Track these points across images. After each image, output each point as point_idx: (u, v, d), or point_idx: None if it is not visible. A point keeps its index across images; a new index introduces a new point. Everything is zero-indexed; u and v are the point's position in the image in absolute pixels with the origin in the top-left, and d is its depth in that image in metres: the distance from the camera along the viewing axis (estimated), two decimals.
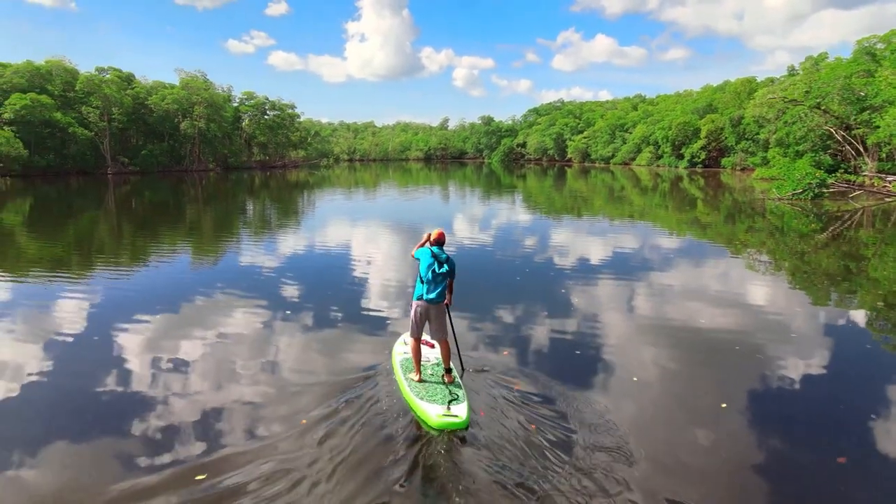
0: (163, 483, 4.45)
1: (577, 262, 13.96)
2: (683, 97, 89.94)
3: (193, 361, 7.14)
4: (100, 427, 5.46)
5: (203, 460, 4.78)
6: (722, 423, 5.56)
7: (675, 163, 72.51)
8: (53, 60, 63.76)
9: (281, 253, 15.56)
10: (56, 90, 61.28)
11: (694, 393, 6.36)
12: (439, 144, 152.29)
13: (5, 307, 9.74)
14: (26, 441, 5.18)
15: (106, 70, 69.65)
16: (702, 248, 16.71)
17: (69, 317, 9.10)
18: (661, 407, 5.98)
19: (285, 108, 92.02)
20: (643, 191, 40.61)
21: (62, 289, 11.12)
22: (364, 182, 56.41)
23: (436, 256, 6.15)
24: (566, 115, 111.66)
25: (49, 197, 36.20)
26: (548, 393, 6.09)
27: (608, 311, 9.50)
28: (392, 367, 6.64)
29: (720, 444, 5.18)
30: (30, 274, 12.83)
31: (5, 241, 18.22)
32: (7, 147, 51.76)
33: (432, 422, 5.31)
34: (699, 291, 10.95)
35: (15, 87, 57.21)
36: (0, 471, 4.68)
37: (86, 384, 6.45)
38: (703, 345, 7.91)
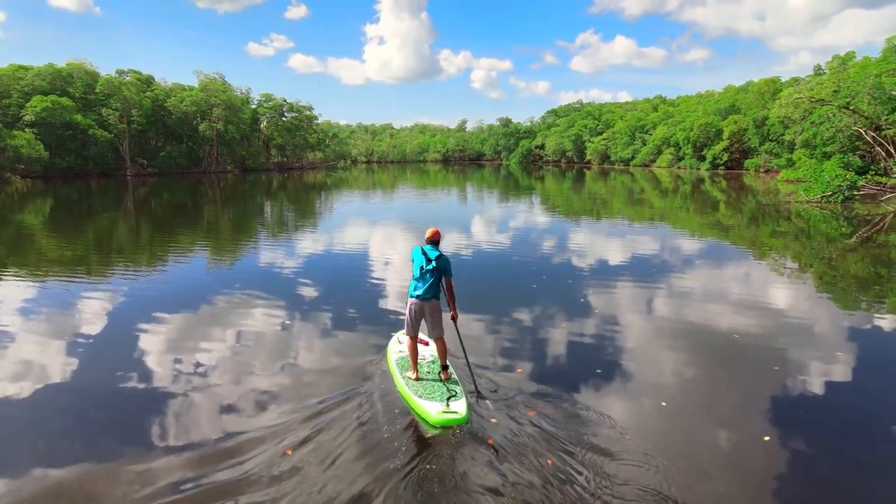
0: (172, 471, 4.63)
1: (596, 266, 13.63)
2: (705, 98, 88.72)
3: (205, 358, 7.30)
4: (119, 419, 5.68)
5: (209, 451, 4.94)
6: (762, 454, 5.11)
7: (697, 164, 71.45)
8: (74, 63, 64.82)
9: (297, 254, 15.50)
10: (77, 92, 62.26)
11: (731, 421, 5.63)
12: (457, 146, 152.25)
13: (28, 307, 9.85)
14: (51, 433, 5.37)
15: (126, 72, 70.61)
16: (725, 251, 16.22)
17: (90, 316, 9.23)
18: (695, 442, 5.26)
19: (303, 110, 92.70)
20: (664, 193, 39.95)
21: (83, 289, 11.21)
22: (381, 183, 56.41)
23: (426, 255, 6.23)
24: (585, 116, 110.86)
25: (69, 198, 36.69)
26: (565, 416, 5.53)
27: (630, 322, 9.10)
28: (388, 367, 6.63)
29: (756, 473, 4.86)
30: (51, 274, 12.87)
31: (27, 242, 18.40)
32: (28, 149, 52.61)
33: (432, 419, 5.34)
34: (724, 297, 10.55)
35: (36, 89, 58.20)
36: (26, 464, 4.81)
37: (106, 380, 6.61)
38: (734, 357, 7.52)
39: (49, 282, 12.02)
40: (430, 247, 6.33)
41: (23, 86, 58.46)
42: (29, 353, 7.52)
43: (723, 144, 66.65)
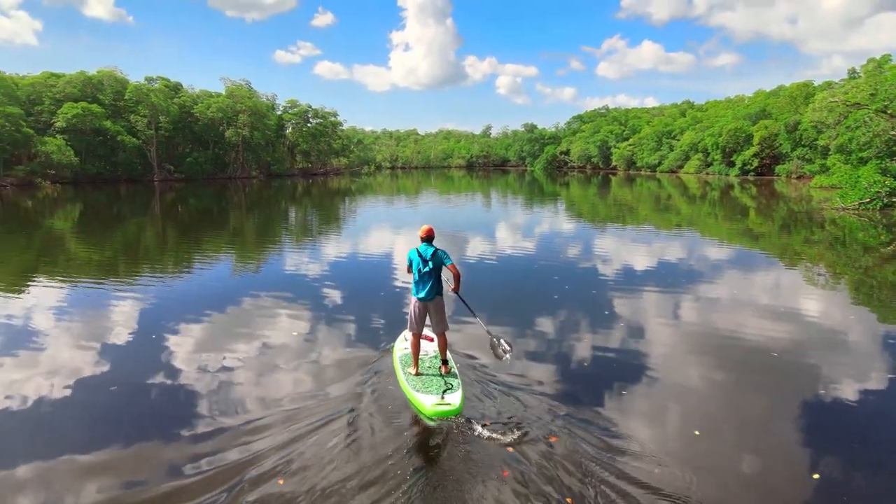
0: (197, 451, 5.04)
1: (621, 275, 13.30)
2: (734, 103, 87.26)
3: (228, 354, 7.64)
4: (149, 417, 5.91)
5: (231, 432, 5.38)
6: (815, 497, 4.75)
7: (726, 171, 70.10)
8: (105, 71, 66.41)
9: (321, 258, 15.62)
10: (107, 99, 63.75)
11: (775, 455, 5.08)
12: (481, 152, 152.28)
13: (61, 309, 10.05)
14: (84, 428, 5.65)
15: (154, 79, 72.09)
16: (755, 260, 15.72)
17: (118, 317, 9.45)
18: (732, 477, 4.76)
19: (328, 116, 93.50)
20: (691, 199, 39.22)
21: (113, 292, 11.44)
22: (406, 189, 56.52)
23: (421, 255, 6.38)
24: (611, 121, 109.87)
25: (98, 203, 37.44)
26: (589, 444, 5.11)
27: (659, 338, 8.74)
28: (393, 363, 6.92)
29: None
30: (82, 278, 13.08)
31: (57, 246, 18.73)
32: (59, 155, 53.98)
33: (427, 411, 5.63)
34: (757, 310, 10.15)
35: (68, 96, 59.71)
36: (60, 458, 5.00)
37: (135, 381, 6.77)
38: (772, 378, 7.13)
39: (79, 285, 12.20)
40: (425, 245, 6.46)
41: (55, 93, 60.04)
42: (61, 352, 7.72)
43: (753, 150, 65.29)
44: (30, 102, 58.82)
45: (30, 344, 8.10)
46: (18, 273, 14.02)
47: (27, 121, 54.65)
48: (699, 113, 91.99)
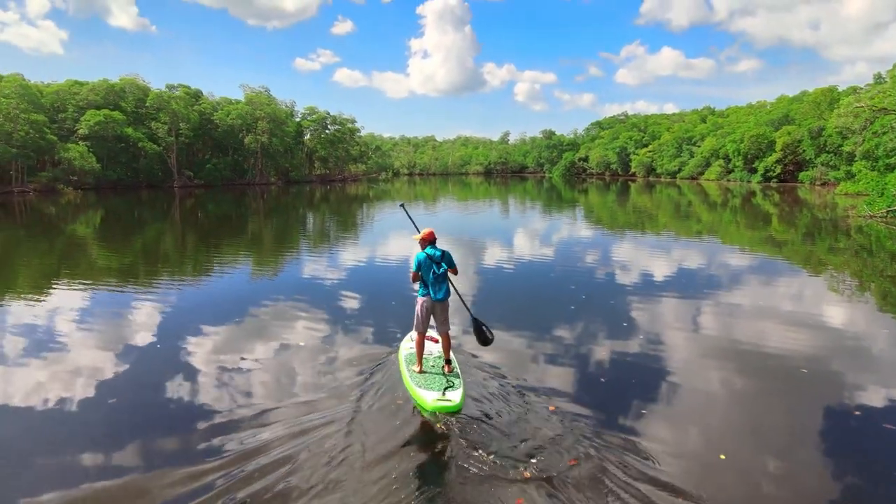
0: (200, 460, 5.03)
1: (640, 284, 13.06)
2: (756, 109, 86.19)
3: (246, 358, 7.77)
4: (167, 411, 6.18)
5: (245, 423, 5.69)
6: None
7: (748, 177, 69.20)
8: (127, 78, 67.61)
9: (338, 264, 15.69)
10: (129, 107, 64.82)
11: (811, 487, 4.78)
12: (499, 159, 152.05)
13: (80, 315, 10.10)
14: (103, 426, 5.84)
15: (175, 87, 73.30)
16: (779, 268, 15.38)
17: (137, 323, 9.55)
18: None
19: (346, 123, 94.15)
20: (712, 206, 38.67)
21: (133, 296, 11.60)
22: (423, 196, 56.56)
23: (432, 258, 6.55)
24: (630, 128, 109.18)
25: (119, 209, 37.99)
26: (607, 468, 4.83)
27: (682, 353, 8.52)
28: (398, 362, 7.09)
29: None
30: (102, 282, 13.23)
31: (79, 250, 19.04)
32: (81, 161, 54.93)
33: (427, 406, 5.80)
34: (782, 322, 9.89)
35: (91, 103, 60.79)
36: (79, 460, 5.13)
37: (153, 384, 6.88)
38: (803, 396, 6.90)
39: (100, 289, 12.34)
40: (430, 248, 6.67)
41: (78, 100, 61.20)
42: (81, 354, 7.90)
43: (775, 156, 64.40)
44: (54, 110, 60.05)
45: (52, 345, 8.23)
46: (41, 277, 14.20)
47: (51, 128, 55.78)
48: (720, 119, 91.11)
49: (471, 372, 6.94)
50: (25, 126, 52.00)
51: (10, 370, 7.30)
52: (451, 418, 5.67)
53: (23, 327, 9.27)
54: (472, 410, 5.91)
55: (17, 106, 51.89)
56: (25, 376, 7.07)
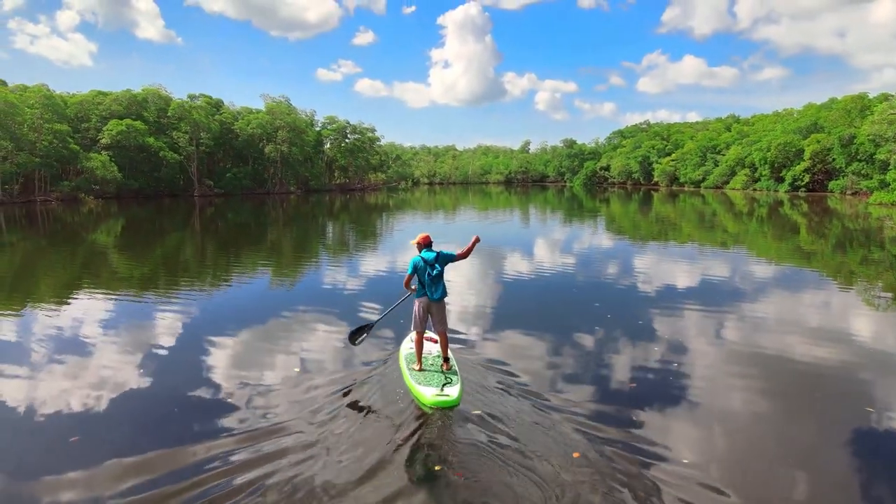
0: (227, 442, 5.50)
1: (663, 295, 12.74)
2: (783, 116, 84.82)
3: (261, 359, 8.20)
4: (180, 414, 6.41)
5: (258, 427, 5.81)
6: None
7: (774, 186, 67.97)
8: (150, 88, 68.85)
9: (355, 272, 15.84)
10: (151, 116, 65.99)
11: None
12: (520, 168, 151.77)
13: (101, 321, 10.30)
14: (127, 425, 6.07)
15: (197, 97, 74.47)
16: (808, 280, 14.91)
17: (157, 330, 9.74)
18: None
19: (365, 132, 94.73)
20: (738, 216, 37.91)
21: (153, 305, 11.75)
22: (443, 205, 56.50)
23: (426, 261, 6.91)
24: (652, 136, 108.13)
25: (139, 218, 38.52)
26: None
27: (704, 366, 8.23)
28: (399, 361, 7.37)
29: None
30: (122, 291, 13.33)
31: (99, 259, 19.28)
32: (102, 170, 55.92)
33: (426, 401, 6.15)
34: (815, 332, 9.53)
35: (113, 113, 61.97)
36: (105, 451, 5.38)
37: (173, 389, 7.09)
38: (839, 409, 6.60)
39: (121, 298, 12.45)
40: (426, 251, 7.01)
41: (101, 110, 62.44)
42: (102, 360, 8.08)
43: (804, 165, 63.17)
44: (78, 119, 61.38)
45: (75, 352, 8.41)
46: (64, 285, 14.37)
47: (74, 137, 56.98)
48: (745, 127, 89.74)
49: (477, 371, 7.27)
50: (49, 136, 53.23)
51: (35, 374, 7.50)
52: (450, 412, 6.02)
53: (47, 333, 9.45)
54: (470, 406, 6.16)
55: (40, 116, 53.16)
56: (50, 380, 7.26)
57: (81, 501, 4.56)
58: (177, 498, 4.49)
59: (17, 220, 35.76)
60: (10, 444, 5.65)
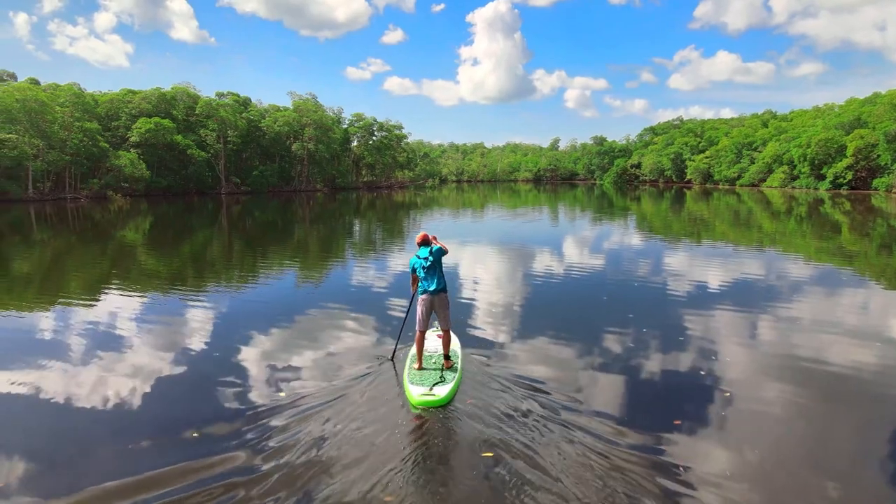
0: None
1: (696, 296, 12.35)
2: (823, 111, 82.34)
3: (275, 351, 8.43)
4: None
5: (262, 413, 6.10)
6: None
7: (815, 184, 66.07)
8: (179, 87, 70.06)
9: (381, 270, 15.86)
10: (179, 115, 67.17)
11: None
12: (549, 165, 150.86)
13: (130, 316, 10.58)
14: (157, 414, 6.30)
15: (225, 94, 75.50)
16: (852, 282, 14.20)
17: (185, 326, 9.95)
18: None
19: (392, 129, 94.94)
20: (775, 215, 36.77)
21: (183, 301, 11.99)
22: (471, 203, 56.34)
23: (421, 257, 7.08)
24: (686, 133, 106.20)
25: (165, 215, 39.13)
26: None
27: (743, 373, 7.88)
28: (406, 360, 7.36)
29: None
30: (151, 287, 13.58)
31: (128, 256, 19.56)
32: (131, 168, 56.96)
33: (413, 401, 6.12)
34: (860, 342, 9.02)
35: (143, 112, 63.24)
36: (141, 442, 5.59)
37: (196, 380, 7.38)
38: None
39: (150, 293, 12.76)
40: (422, 249, 7.17)
41: (131, 109, 63.72)
42: (132, 354, 8.34)
43: (846, 162, 61.20)
44: (108, 118, 62.69)
45: (107, 346, 8.65)
46: (95, 281, 14.64)
47: (104, 135, 58.17)
48: (783, 123, 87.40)
49: (484, 372, 7.17)
50: (79, 134, 54.45)
51: (68, 368, 7.70)
52: (440, 412, 5.92)
53: (80, 328, 9.69)
54: (461, 406, 6.10)
55: (71, 114, 54.39)
56: (83, 373, 7.48)
57: (123, 484, 4.73)
58: (194, 476, 4.78)
59: (48, 217, 36.60)
60: (48, 432, 5.85)
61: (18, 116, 50.22)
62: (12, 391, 6.85)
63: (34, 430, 5.91)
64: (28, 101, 50.51)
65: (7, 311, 11.18)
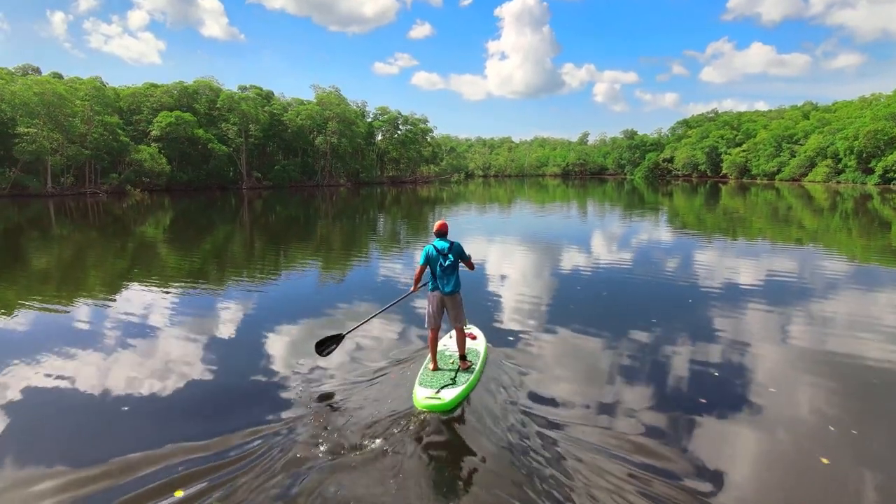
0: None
1: (732, 296, 11.87)
2: (870, 102, 79.71)
3: (292, 347, 8.29)
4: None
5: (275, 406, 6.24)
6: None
7: (862, 178, 64.06)
8: (202, 80, 70.71)
9: (407, 267, 15.48)
10: (202, 108, 67.82)
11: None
12: (577, 160, 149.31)
13: (153, 312, 10.62)
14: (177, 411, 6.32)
15: (248, 88, 76.00)
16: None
17: (206, 322, 10.01)
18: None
19: (418, 123, 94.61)
20: (817, 211, 35.56)
21: (203, 297, 12.11)
22: (498, 198, 55.87)
23: (438, 251, 6.57)
24: (721, 126, 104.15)
25: (185, 210, 39.46)
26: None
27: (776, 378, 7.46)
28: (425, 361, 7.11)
29: None
30: (169, 283, 13.43)
31: (146, 252, 19.68)
32: (151, 162, 57.54)
33: (417, 403, 5.84)
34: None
35: (164, 105, 63.91)
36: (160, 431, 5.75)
37: (223, 378, 7.35)
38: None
39: (168, 290, 12.60)
40: (439, 240, 6.66)
41: (152, 102, 64.47)
42: (153, 349, 8.42)
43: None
44: (130, 112, 63.54)
45: (128, 342, 8.69)
46: (115, 277, 14.86)
47: (126, 129, 58.94)
48: (826, 114, 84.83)
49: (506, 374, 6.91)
50: (99, 128, 55.09)
51: (90, 361, 7.84)
52: (441, 417, 5.66)
53: (98, 325, 9.74)
54: (470, 413, 5.87)
55: (91, 108, 55.05)
56: (107, 368, 7.58)
57: (141, 478, 4.80)
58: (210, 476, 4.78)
59: (67, 212, 37.13)
60: (75, 428, 5.91)
61: (37, 110, 50.74)
62: (41, 384, 6.98)
63: (55, 422, 6.01)
64: (46, 94, 50.97)
65: (26, 306, 11.15)
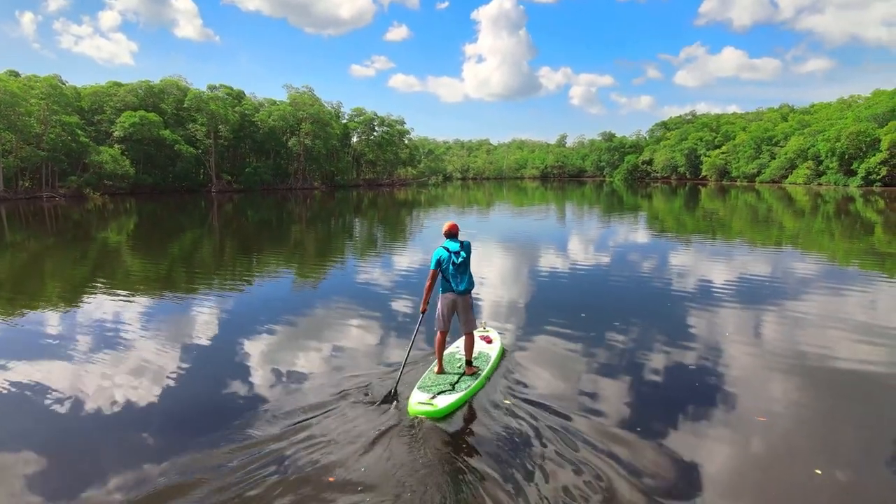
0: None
1: (717, 296, 11.31)
2: (849, 103, 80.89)
3: (284, 351, 8.46)
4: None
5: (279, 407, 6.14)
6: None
7: (844, 180, 64.60)
8: (169, 79, 69.04)
9: (386, 272, 15.24)
10: (169, 108, 66.14)
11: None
12: (556, 162, 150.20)
13: (113, 323, 10.04)
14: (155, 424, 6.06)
15: (217, 87, 74.20)
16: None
17: (173, 329, 9.70)
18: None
19: (394, 125, 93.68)
20: (798, 213, 35.50)
21: (171, 305, 11.75)
22: (477, 201, 55.31)
23: (451, 251, 6.49)
24: (700, 128, 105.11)
25: (153, 215, 38.26)
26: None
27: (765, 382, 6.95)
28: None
29: None
30: (134, 292, 12.84)
31: (112, 259, 18.76)
32: (112, 165, 55.59)
33: (409, 408, 5.77)
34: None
35: (128, 105, 62.08)
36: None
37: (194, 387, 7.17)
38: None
39: (137, 299, 12.01)
40: (450, 241, 6.58)
41: (115, 102, 62.60)
42: (125, 357, 8.16)
43: (880, 156, 59.59)
44: (92, 112, 61.72)
45: (91, 353, 8.32)
46: (75, 285, 14.18)
47: (87, 130, 57.15)
48: (806, 116, 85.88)
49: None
50: (56, 128, 53.19)
51: (43, 375, 7.45)
52: (436, 423, 5.56)
53: (56, 335, 9.36)
54: (464, 418, 5.80)
55: (47, 107, 53.02)
56: (64, 380, 7.25)
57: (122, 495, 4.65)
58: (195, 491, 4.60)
59: (21, 217, 35.72)
60: (51, 438, 5.76)
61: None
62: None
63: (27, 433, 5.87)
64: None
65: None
